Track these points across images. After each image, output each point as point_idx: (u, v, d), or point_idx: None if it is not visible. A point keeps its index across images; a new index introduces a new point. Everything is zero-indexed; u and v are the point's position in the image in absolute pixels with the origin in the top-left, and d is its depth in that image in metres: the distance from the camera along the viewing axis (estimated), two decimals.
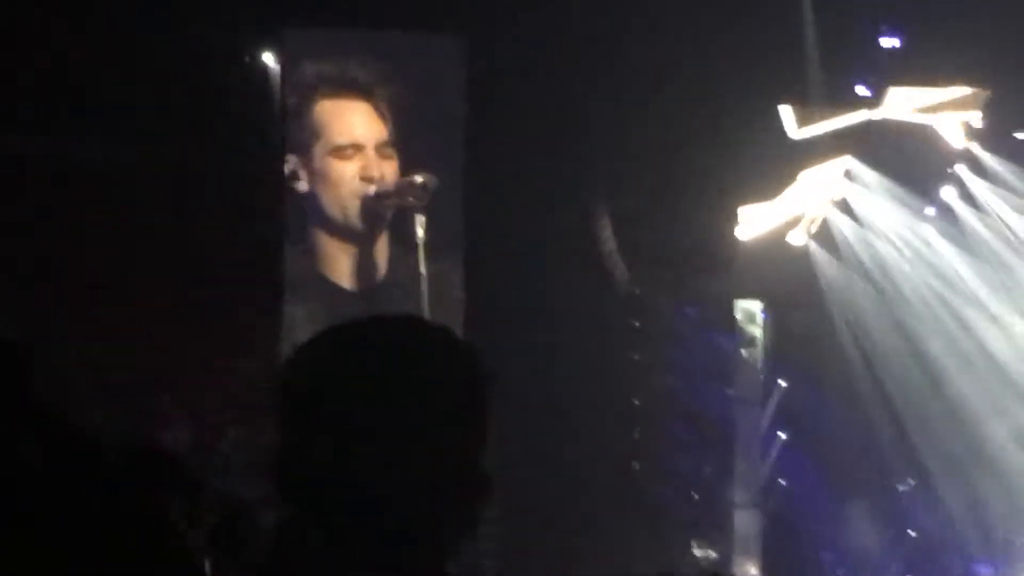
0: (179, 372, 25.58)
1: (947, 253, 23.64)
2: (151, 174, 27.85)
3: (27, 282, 24.55)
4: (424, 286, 24.38)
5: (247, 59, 26.49)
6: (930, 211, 23.78)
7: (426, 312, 24.09)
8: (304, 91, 24.92)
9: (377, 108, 24.79)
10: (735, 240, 24.05)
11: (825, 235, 24.32)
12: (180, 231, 27.74)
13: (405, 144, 24.63)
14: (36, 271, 25.13)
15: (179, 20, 25.54)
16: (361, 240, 25.23)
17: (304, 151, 24.83)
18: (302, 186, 24.89)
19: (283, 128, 25.05)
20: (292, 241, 25.11)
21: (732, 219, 23.96)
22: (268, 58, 25.99)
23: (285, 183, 25.08)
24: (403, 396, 2.87)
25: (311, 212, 25.13)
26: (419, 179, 24.43)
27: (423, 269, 24.38)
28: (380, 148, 24.66)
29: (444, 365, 2.91)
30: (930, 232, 23.78)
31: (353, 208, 24.76)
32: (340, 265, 25.35)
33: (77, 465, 5.19)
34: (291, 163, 24.77)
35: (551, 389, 24.12)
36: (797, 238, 24.08)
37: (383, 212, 24.83)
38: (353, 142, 24.76)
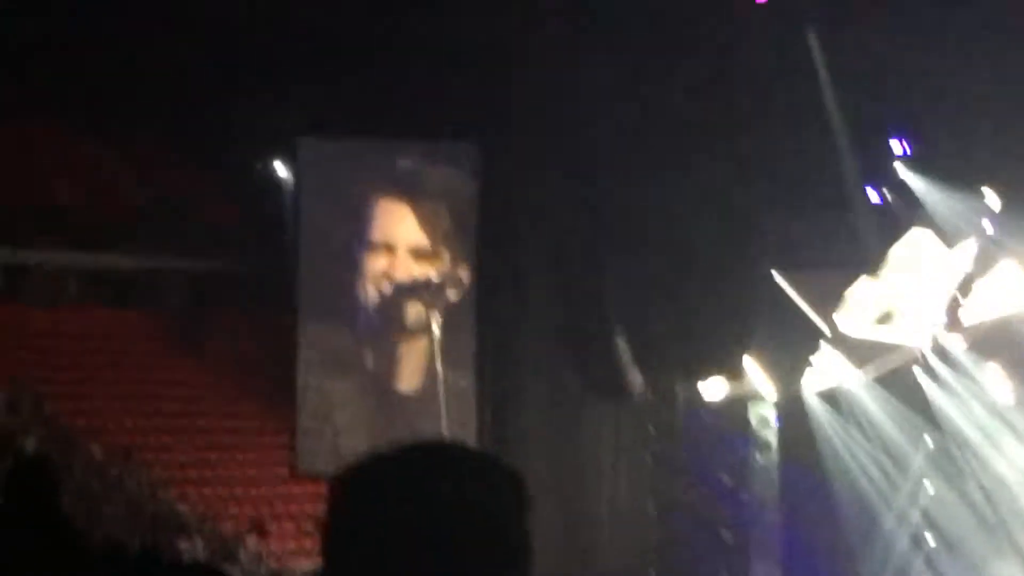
0: (198, 482, 26.00)
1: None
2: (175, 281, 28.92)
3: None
4: (441, 388, 24.80)
5: (260, 167, 27.16)
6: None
7: (442, 409, 24.38)
8: (362, 188, 25.37)
9: (420, 213, 25.29)
10: (746, 349, 23.95)
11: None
12: (198, 325, 28.70)
13: (424, 244, 25.01)
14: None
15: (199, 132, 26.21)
16: (383, 338, 25.60)
17: (355, 239, 25.26)
18: (348, 274, 25.34)
19: (298, 232, 25.49)
20: (313, 341, 25.54)
21: (746, 329, 23.84)
22: (280, 165, 26.66)
23: (302, 283, 25.50)
24: (451, 526, 2.83)
25: (335, 311, 25.43)
26: (438, 280, 25.06)
27: (439, 367, 24.86)
28: (415, 251, 25.12)
29: (489, 493, 2.87)
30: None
31: (373, 302, 25.14)
32: (362, 363, 25.65)
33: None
34: (343, 249, 25.19)
35: (565, 495, 23.92)
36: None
37: (405, 311, 25.23)
38: (387, 242, 25.22)
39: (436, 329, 24.52)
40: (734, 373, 23.97)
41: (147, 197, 27.83)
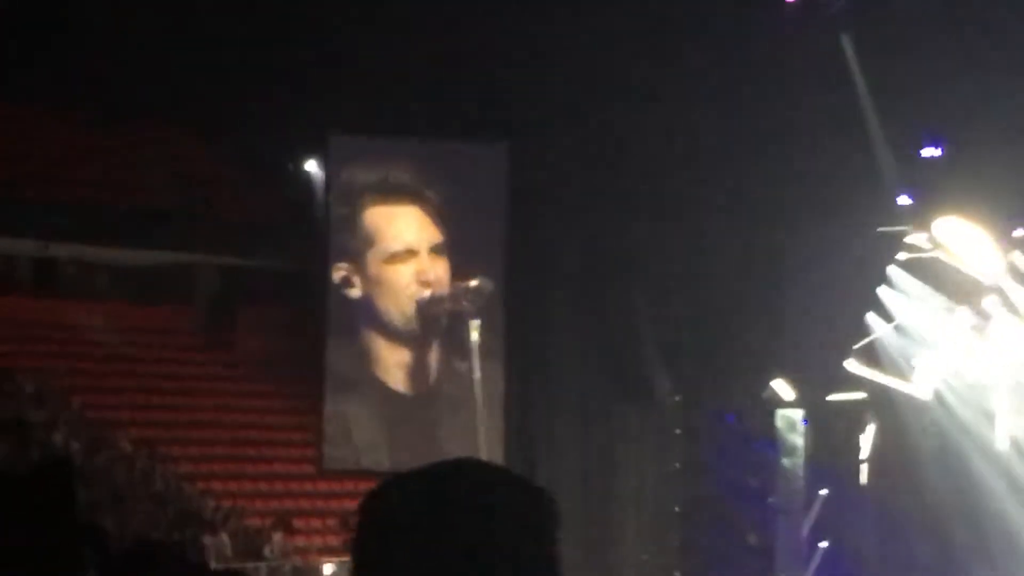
0: (224, 477, 25.97)
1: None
2: (206, 276, 28.93)
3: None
4: (478, 391, 24.81)
5: (291, 166, 27.07)
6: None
7: (479, 417, 24.51)
8: (353, 199, 25.11)
9: (427, 212, 25.13)
10: (778, 350, 23.82)
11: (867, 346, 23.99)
12: (228, 320, 28.74)
13: (455, 246, 24.94)
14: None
15: (228, 127, 26.24)
16: (416, 343, 25.51)
17: (357, 257, 25.06)
18: (355, 292, 25.10)
19: (328, 231, 25.38)
20: (343, 344, 25.54)
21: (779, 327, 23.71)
22: (313, 164, 26.59)
23: (331, 287, 25.45)
24: (480, 547, 2.78)
25: (366, 316, 25.28)
26: (474, 283, 24.96)
27: (477, 374, 24.85)
28: (432, 251, 25.00)
29: (518, 512, 2.83)
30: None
31: (410, 311, 25.08)
32: (394, 367, 25.60)
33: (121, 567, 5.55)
34: (343, 270, 24.98)
35: (592, 496, 23.91)
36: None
37: (439, 315, 25.16)
38: (407, 247, 25.08)
39: (475, 334, 24.62)
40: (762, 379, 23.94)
41: (179, 192, 27.81)
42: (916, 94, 22.26)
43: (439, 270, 24.93)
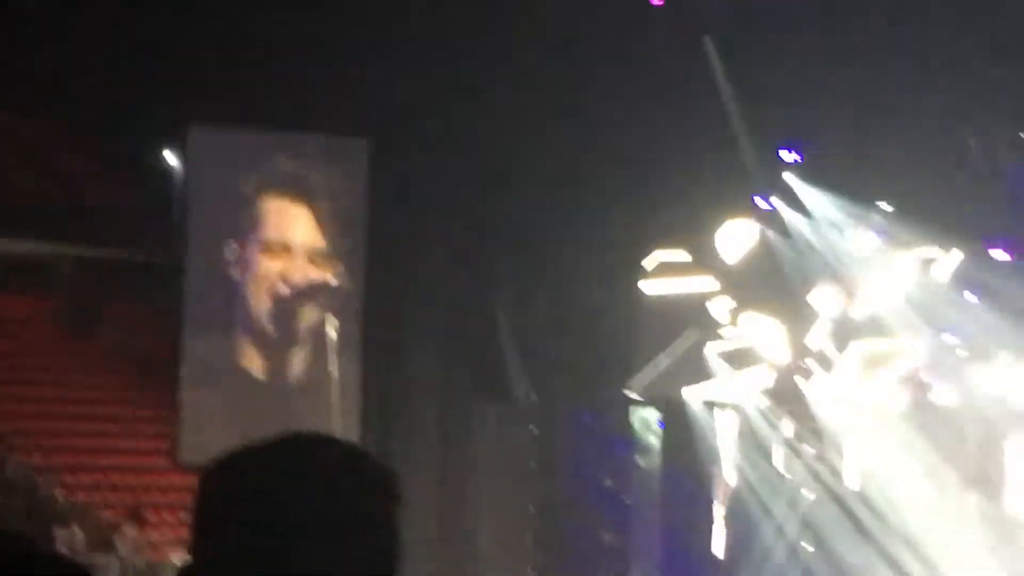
0: (77, 470, 25.95)
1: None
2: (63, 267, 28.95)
3: None
4: (335, 388, 24.84)
5: (153, 158, 27.16)
6: None
7: (335, 411, 24.44)
8: (258, 184, 25.13)
9: (316, 213, 25.27)
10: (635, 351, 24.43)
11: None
12: (88, 312, 28.84)
13: (333, 251, 25.23)
14: None
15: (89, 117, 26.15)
16: (275, 337, 25.50)
17: (243, 239, 25.16)
18: (235, 274, 25.25)
19: (182, 221, 25.47)
20: (205, 334, 25.64)
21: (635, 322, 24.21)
22: (171, 156, 26.66)
23: (188, 276, 25.60)
24: (320, 518, 2.86)
25: (231, 307, 25.29)
26: (333, 282, 25.06)
27: (334, 370, 24.91)
28: (311, 254, 25.13)
29: (359, 486, 2.91)
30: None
31: (272, 305, 25.07)
32: (255, 358, 25.61)
33: None
34: (230, 250, 25.12)
35: (448, 491, 24.28)
36: None
37: (297, 312, 25.21)
38: (283, 242, 25.22)
39: (332, 332, 24.63)
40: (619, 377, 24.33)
41: (37, 181, 27.83)
42: (777, 98, 22.75)
43: (311, 271, 25.17)
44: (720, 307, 23.51)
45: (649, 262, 23.85)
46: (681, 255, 23.84)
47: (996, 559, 23.04)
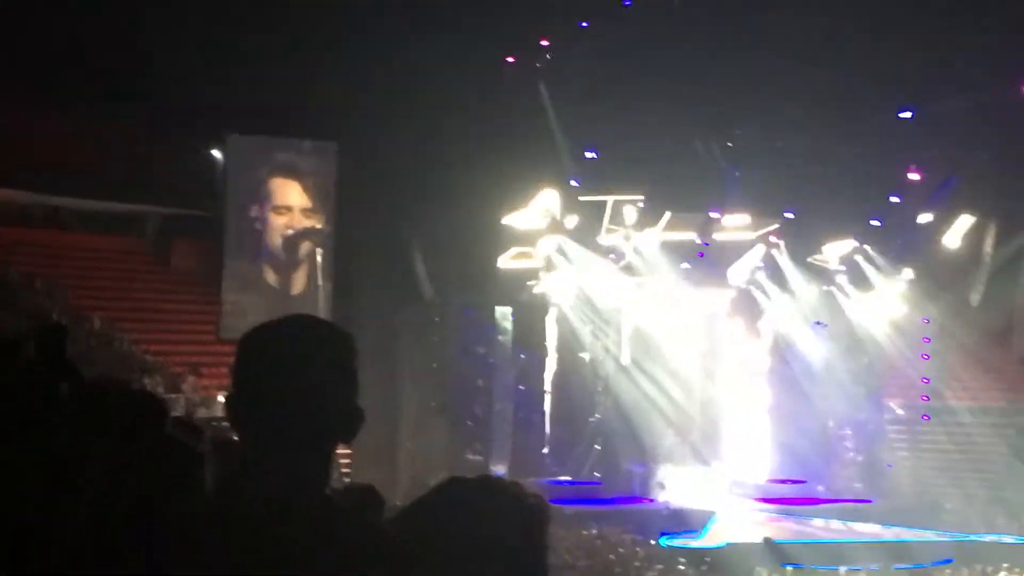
0: (159, 342, 31.70)
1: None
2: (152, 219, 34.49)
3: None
4: (321, 293, 34.18)
5: (206, 151, 34.45)
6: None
7: (321, 306, 32.55)
8: (268, 170, 33.75)
9: (304, 186, 34.18)
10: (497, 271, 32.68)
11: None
12: (164, 247, 34.37)
13: (318, 209, 34.08)
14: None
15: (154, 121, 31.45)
16: (286, 262, 34.44)
17: (261, 204, 33.92)
18: (258, 225, 33.84)
19: (224, 193, 33.37)
20: (242, 259, 33.50)
21: (494, 257, 32.54)
22: (217, 152, 34.48)
23: (244, 222, 33.13)
24: (324, 375, 3.35)
25: (259, 243, 33.89)
26: (319, 227, 34.55)
27: (321, 282, 34.30)
28: (303, 211, 34.21)
29: (331, 342, 3.40)
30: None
31: (278, 242, 34.34)
32: (271, 274, 34.27)
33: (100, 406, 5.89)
34: (254, 210, 33.60)
35: (383, 362, 30.31)
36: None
37: (299, 245, 34.43)
38: (286, 205, 34.29)
39: (319, 258, 33.96)
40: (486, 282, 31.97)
41: (127, 164, 32.44)
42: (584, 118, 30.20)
43: (304, 221, 34.17)
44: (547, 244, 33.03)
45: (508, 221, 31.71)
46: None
47: None
